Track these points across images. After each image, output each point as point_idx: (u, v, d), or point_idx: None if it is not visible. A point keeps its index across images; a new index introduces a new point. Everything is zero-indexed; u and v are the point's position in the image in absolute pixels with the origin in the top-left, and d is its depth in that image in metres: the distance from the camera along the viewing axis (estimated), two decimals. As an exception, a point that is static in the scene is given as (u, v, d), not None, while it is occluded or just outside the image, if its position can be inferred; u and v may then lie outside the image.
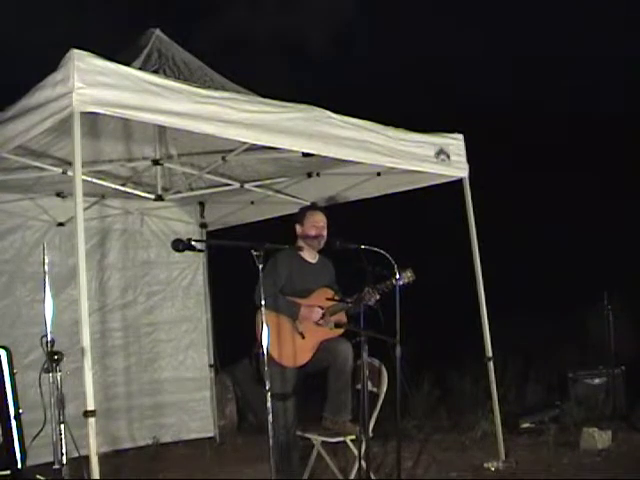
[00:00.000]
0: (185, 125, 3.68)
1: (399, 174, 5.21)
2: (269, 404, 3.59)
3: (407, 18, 15.06)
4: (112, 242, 6.47)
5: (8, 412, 3.20)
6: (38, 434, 3.52)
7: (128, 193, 5.72)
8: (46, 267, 3.86)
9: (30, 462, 3.31)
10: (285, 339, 4.46)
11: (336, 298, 4.55)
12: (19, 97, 3.70)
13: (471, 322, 5.39)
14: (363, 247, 4.12)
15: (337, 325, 4.52)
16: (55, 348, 3.63)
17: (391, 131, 4.62)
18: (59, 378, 3.59)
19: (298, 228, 4.74)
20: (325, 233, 4.68)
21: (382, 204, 6.13)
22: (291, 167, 5.42)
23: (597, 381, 6.50)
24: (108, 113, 3.43)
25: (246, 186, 5.78)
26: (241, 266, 4.04)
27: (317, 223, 4.68)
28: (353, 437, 4.39)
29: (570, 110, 12.48)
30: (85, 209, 4.61)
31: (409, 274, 4.39)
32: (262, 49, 14.46)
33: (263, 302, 3.74)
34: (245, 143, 4.34)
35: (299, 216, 4.77)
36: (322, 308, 4.53)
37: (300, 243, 4.72)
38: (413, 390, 6.82)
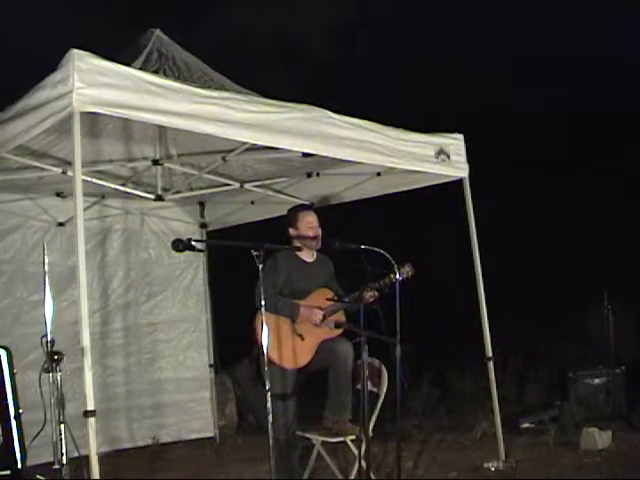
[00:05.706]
0: (185, 125, 3.67)
1: (399, 174, 5.20)
2: (269, 404, 3.59)
3: (407, 18, 15.07)
4: (112, 242, 6.47)
5: (8, 412, 3.20)
6: (38, 434, 3.52)
7: (128, 193, 5.72)
8: (46, 267, 3.86)
9: (30, 462, 3.32)
10: (285, 341, 4.45)
11: (335, 298, 4.54)
12: (19, 97, 3.70)
13: (471, 322, 5.39)
14: (362, 247, 4.11)
15: (337, 325, 4.51)
16: (55, 348, 3.64)
17: (391, 131, 4.61)
18: (59, 378, 3.59)
19: (291, 231, 4.69)
20: (320, 232, 4.67)
21: (382, 204, 6.13)
22: (291, 167, 5.42)
23: (597, 381, 6.50)
24: (108, 113, 3.43)
25: (246, 186, 5.78)
26: (241, 266, 4.04)
27: (312, 223, 4.66)
28: (353, 437, 4.39)
29: (570, 110, 12.47)
30: (85, 209, 4.64)
31: (408, 269, 4.37)
32: (262, 49, 14.45)
33: (263, 303, 3.74)
34: (245, 143, 4.34)
35: (290, 219, 4.71)
36: (321, 309, 4.52)
37: (297, 244, 4.68)
38: (413, 390, 6.81)
